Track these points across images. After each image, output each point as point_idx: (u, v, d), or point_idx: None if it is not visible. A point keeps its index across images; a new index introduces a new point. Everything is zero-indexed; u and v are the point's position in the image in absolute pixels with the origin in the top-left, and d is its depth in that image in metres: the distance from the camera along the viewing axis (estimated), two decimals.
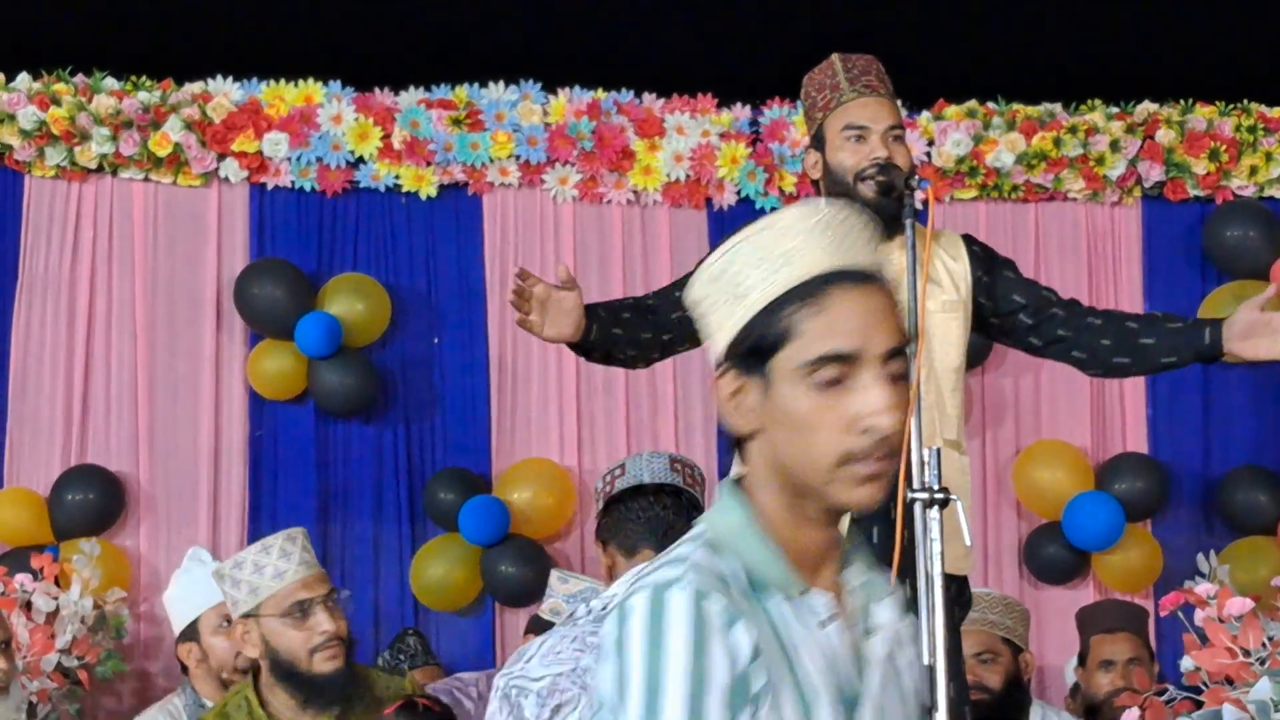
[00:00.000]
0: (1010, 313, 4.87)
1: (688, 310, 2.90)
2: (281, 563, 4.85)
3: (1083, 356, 4.84)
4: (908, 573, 4.44)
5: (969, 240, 4.98)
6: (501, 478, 7.41)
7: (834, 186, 4.83)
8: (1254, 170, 7.67)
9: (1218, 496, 7.57)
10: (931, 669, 4.10)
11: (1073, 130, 7.57)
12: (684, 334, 4.79)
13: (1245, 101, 7.75)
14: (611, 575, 4.03)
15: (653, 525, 3.99)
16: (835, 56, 4.92)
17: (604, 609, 3.84)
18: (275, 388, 7.33)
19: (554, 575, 5.60)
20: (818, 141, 4.89)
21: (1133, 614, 6.71)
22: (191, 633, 6.12)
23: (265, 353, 7.32)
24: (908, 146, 4.87)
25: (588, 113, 7.49)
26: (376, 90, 7.48)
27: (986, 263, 4.92)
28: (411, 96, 7.47)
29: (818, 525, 2.50)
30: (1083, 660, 6.54)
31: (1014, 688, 5.98)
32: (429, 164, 7.46)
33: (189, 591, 6.19)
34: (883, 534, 4.69)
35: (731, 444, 2.59)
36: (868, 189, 4.73)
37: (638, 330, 4.75)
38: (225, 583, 4.92)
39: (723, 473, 5.05)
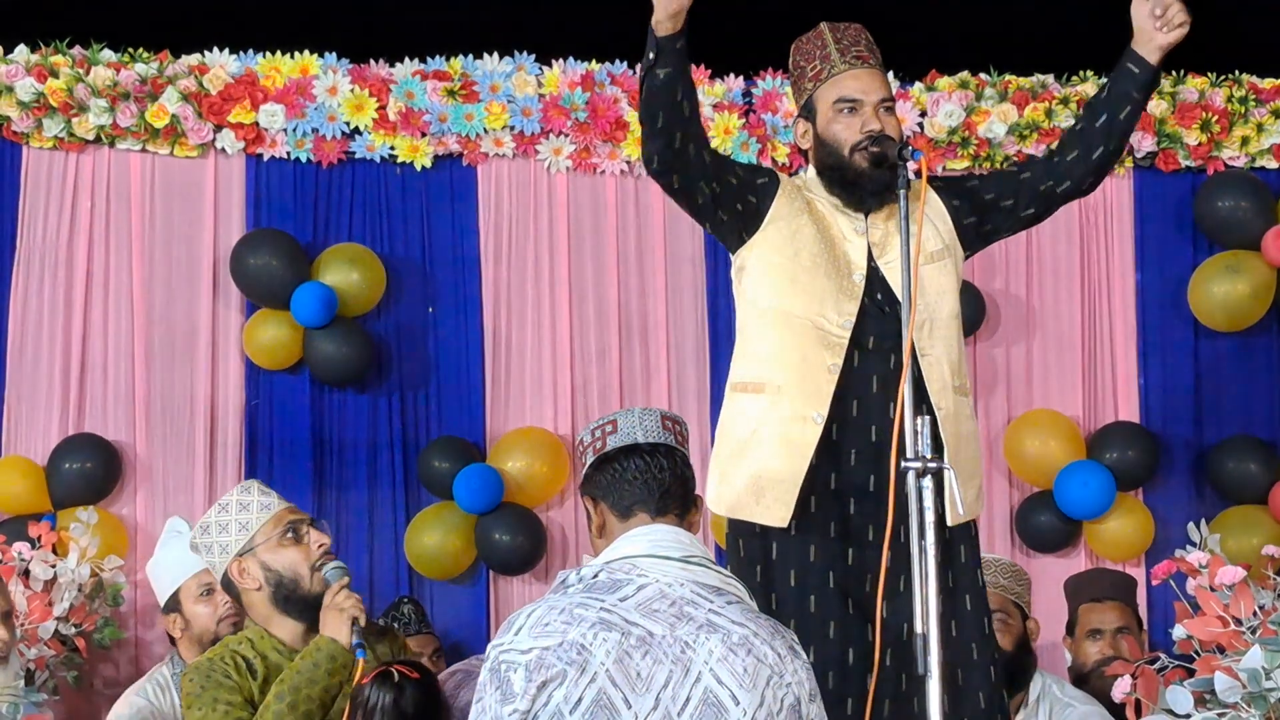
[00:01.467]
0: (990, 210, 4.97)
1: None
2: (263, 498, 4.97)
3: (1069, 184, 4.98)
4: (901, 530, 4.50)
5: (931, 180, 5.01)
6: (495, 446, 7.44)
7: (826, 157, 4.88)
8: (1245, 141, 7.69)
9: (1209, 465, 7.60)
10: (924, 637, 4.14)
11: (1065, 101, 7.59)
12: (713, 186, 4.81)
13: (1237, 73, 7.76)
14: (601, 533, 4.04)
15: (651, 487, 3.99)
16: (824, 26, 4.96)
17: (594, 577, 3.86)
18: (271, 357, 7.35)
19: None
20: (808, 112, 4.93)
21: (1121, 583, 6.74)
22: (174, 603, 6.17)
23: (261, 322, 7.34)
24: (898, 117, 4.93)
25: (581, 84, 7.51)
26: (372, 62, 7.49)
27: (951, 190, 5.01)
28: (406, 68, 7.48)
29: None
30: (1071, 630, 6.57)
31: (1022, 651, 6.02)
32: (424, 135, 7.47)
33: (169, 563, 6.23)
34: (859, 507, 4.74)
35: None
36: (861, 160, 4.78)
37: (701, 125, 4.75)
38: (211, 533, 4.93)
39: (713, 441, 5.08)
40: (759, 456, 4.75)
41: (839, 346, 4.73)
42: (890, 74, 4.99)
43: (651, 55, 4.56)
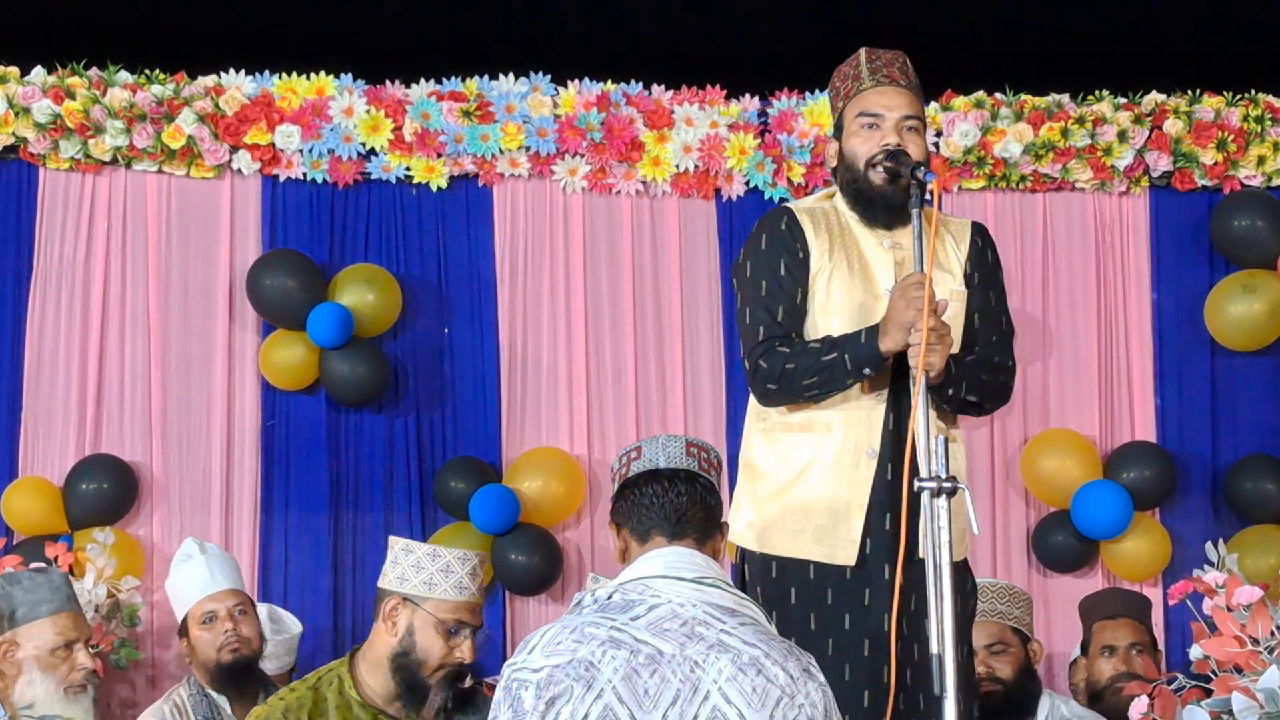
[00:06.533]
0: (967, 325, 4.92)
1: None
2: (467, 580, 5.02)
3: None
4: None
5: (976, 230, 5.02)
6: (512, 467, 7.44)
7: (846, 172, 4.88)
8: (1261, 160, 7.68)
9: (1226, 485, 7.58)
10: (939, 657, 4.13)
11: (1080, 121, 7.59)
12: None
13: (1253, 91, 7.76)
14: (624, 558, 4.06)
15: (667, 512, 4.00)
16: (863, 50, 4.96)
17: (609, 597, 3.87)
18: (287, 378, 7.36)
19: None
20: (837, 130, 4.94)
21: (1134, 601, 6.73)
22: (184, 628, 6.19)
23: (277, 343, 7.35)
24: (924, 138, 4.89)
25: (597, 104, 7.52)
26: (388, 83, 7.50)
27: (980, 263, 4.96)
28: (422, 89, 7.49)
29: None
30: (1085, 649, 6.56)
31: (1025, 677, 6.01)
32: (440, 155, 7.48)
33: (177, 587, 6.27)
34: (875, 545, 4.73)
35: None
36: (877, 175, 4.77)
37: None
38: (410, 557, 5.03)
39: (733, 459, 5.06)
40: (815, 496, 4.74)
41: (883, 375, 4.72)
42: (920, 96, 4.97)
43: (852, 369, 4.64)
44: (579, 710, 3.63)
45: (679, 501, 4.01)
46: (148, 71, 7.39)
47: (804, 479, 4.76)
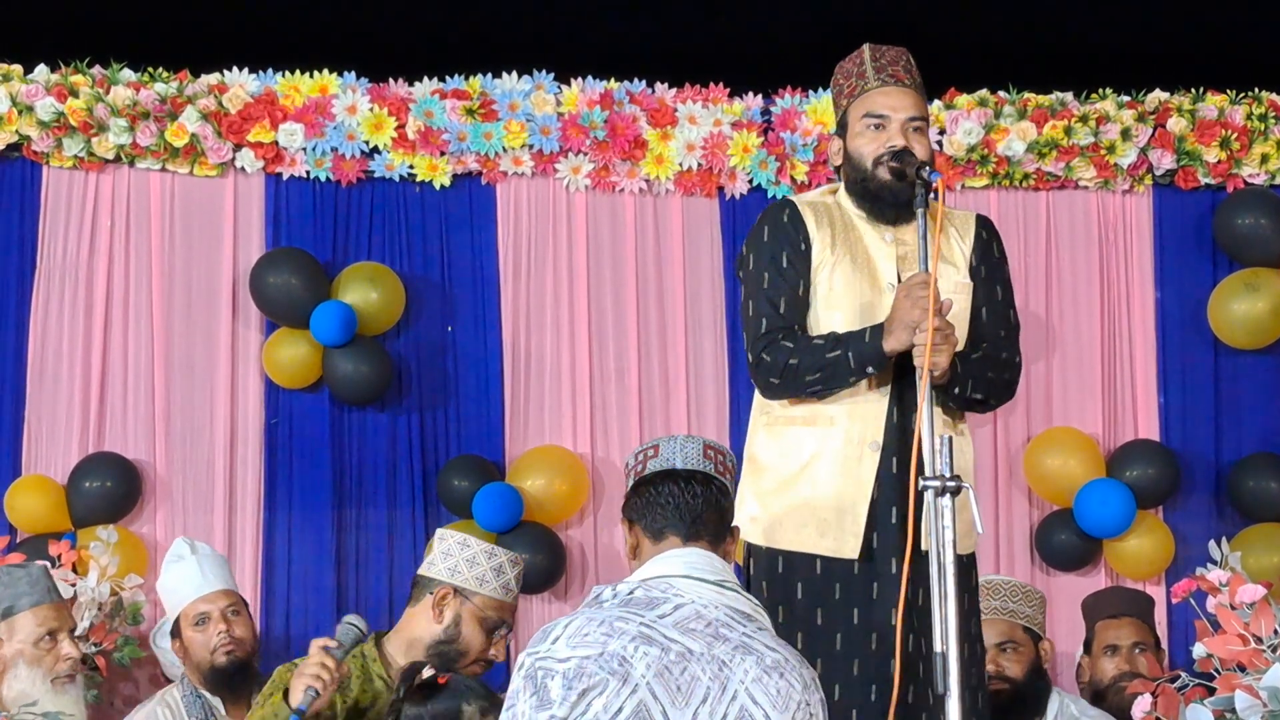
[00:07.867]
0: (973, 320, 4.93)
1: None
2: (514, 582, 5.25)
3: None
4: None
5: (981, 223, 5.03)
6: (515, 465, 7.44)
7: (851, 171, 4.90)
8: (1265, 158, 7.67)
9: (1229, 483, 7.58)
10: (944, 655, 4.13)
11: (1084, 119, 7.58)
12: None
13: (1256, 90, 7.75)
14: (635, 554, 4.08)
15: (682, 512, 4.03)
16: (866, 46, 4.97)
17: (630, 593, 3.87)
18: (291, 376, 7.36)
19: None
20: (841, 128, 4.94)
21: (1137, 600, 6.73)
22: (176, 629, 6.18)
23: (281, 341, 7.35)
24: (929, 138, 4.90)
25: (600, 102, 7.51)
26: (391, 81, 7.50)
27: (984, 255, 4.97)
28: (425, 87, 7.49)
29: None
30: (1088, 648, 6.56)
31: (1035, 676, 6.02)
32: (443, 154, 7.48)
33: (169, 589, 6.27)
34: (882, 540, 4.73)
35: None
36: (883, 173, 4.78)
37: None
38: (467, 551, 5.22)
39: (736, 458, 5.06)
40: (819, 489, 4.74)
41: (887, 369, 4.73)
42: (924, 95, 4.97)
43: (855, 367, 4.67)
44: (613, 704, 3.65)
45: (694, 503, 4.04)
46: (151, 69, 7.38)
47: (807, 473, 4.77)
